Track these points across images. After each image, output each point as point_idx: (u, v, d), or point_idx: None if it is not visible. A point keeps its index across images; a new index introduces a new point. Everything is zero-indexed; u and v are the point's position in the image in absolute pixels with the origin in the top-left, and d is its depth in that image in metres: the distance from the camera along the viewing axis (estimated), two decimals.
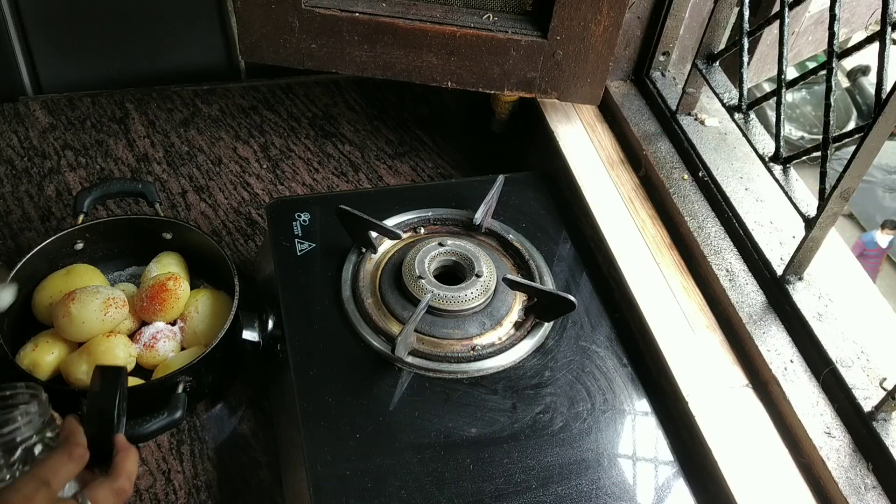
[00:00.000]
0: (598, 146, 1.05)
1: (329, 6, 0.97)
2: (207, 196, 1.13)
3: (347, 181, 1.17)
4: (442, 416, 0.76)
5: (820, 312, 0.79)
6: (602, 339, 0.85)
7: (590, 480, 0.73)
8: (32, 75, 1.27)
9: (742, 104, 0.91)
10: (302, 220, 0.93)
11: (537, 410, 0.78)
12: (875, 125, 0.68)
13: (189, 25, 1.29)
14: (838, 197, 0.74)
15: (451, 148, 1.24)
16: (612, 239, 0.92)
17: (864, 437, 0.71)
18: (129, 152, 1.18)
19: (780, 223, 0.89)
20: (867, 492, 0.69)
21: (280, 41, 1.00)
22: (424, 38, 0.99)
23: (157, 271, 0.90)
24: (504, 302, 0.85)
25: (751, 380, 0.80)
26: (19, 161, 1.15)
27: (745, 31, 0.90)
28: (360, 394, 0.77)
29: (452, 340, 0.82)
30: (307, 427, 0.74)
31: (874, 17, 1.20)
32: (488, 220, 0.94)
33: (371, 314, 0.83)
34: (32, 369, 0.81)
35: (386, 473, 0.72)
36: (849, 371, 0.74)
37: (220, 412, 0.89)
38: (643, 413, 0.79)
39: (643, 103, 1.07)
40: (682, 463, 0.76)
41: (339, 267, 0.88)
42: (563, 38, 0.98)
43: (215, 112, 1.26)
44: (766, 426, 0.76)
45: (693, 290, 0.88)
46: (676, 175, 0.97)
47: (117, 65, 1.30)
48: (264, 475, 0.84)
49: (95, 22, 1.25)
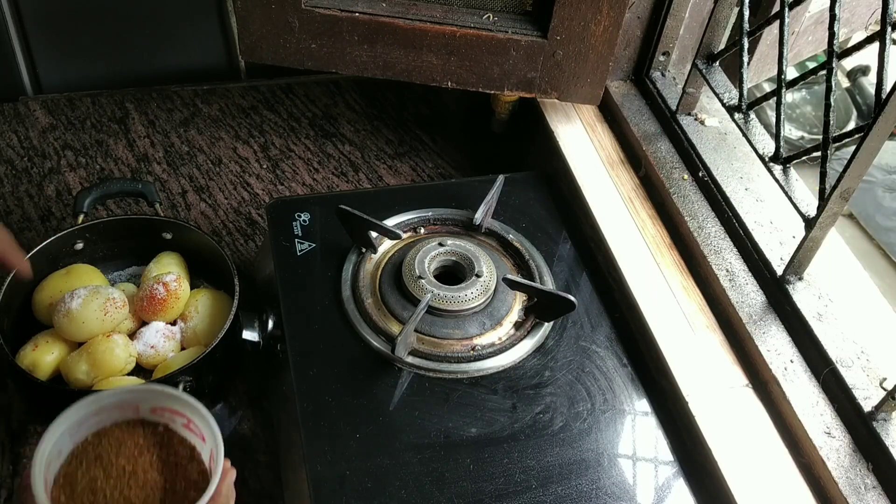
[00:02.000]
0: (598, 146, 1.05)
1: (329, 6, 0.97)
2: (207, 196, 1.13)
3: (347, 181, 1.17)
4: (442, 416, 0.76)
5: (820, 312, 0.79)
6: (602, 339, 0.85)
7: (590, 480, 0.73)
8: (32, 75, 1.27)
9: (742, 104, 0.91)
10: (302, 220, 0.93)
11: (537, 410, 0.78)
12: (875, 125, 0.68)
13: (189, 25, 1.29)
14: (838, 197, 0.73)
15: (451, 148, 1.24)
16: (612, 239, 0.92)
17: (864, 437, 0.71)
18: (129, 152, 1.18)
19: (780, 223, 0.89)
20: (867, 492, 0.69)
21: (280, 41, 1.00)
22: (424, 38, 0.99)
23: (157, 271, 0.90)
24: (504, 302, 0.85)
25: (751, 380, 0.80)
26: (19, 161, 1.15)
27: (745, 31, 0.90)
28: (360, 394, 0.77)
29: (452, 340, 0.82)
30: (307, 427, 0.74)
31: (874, 17, 1.20)
32: (488, 220, 0.94)
33: (371, 314, 0.83)
34: (32, 369, 0.81)
35: (386, 473, 0.72)
36: (849, 371, 0.74)
37: (220, 412, 0.89)
38: (643, 413, 0.79)
39: (643, 103, 1.07)
40: (682, 463, 0.76)
41: (339, 267, 0.88)
42: (563, 38, 0.98)
43: (215, 112, 1.26)
44: (766, 426, 0.76)
45: (693, 290, 0.88)
46: (676, 175, 0.97)
47: (117, 65, 1.30)
48: (264, 475, 0.84)
49: (95, 22, 1.25)
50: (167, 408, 0.65)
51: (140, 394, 0.65)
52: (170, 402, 0.65)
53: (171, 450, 0.65)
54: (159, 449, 0.64)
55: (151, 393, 0.65)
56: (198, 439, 0.65)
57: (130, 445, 0.64)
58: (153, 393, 0.65)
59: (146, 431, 0.65)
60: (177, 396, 0.64)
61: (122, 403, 0.65)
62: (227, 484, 0.62)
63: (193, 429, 0.65)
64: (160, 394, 0.65)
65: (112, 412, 0.65)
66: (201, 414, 0.63)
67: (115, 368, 0.81)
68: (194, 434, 0.65)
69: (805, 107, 2.54)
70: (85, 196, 0.93)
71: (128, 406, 0.65)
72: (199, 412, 0.63)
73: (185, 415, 0.65)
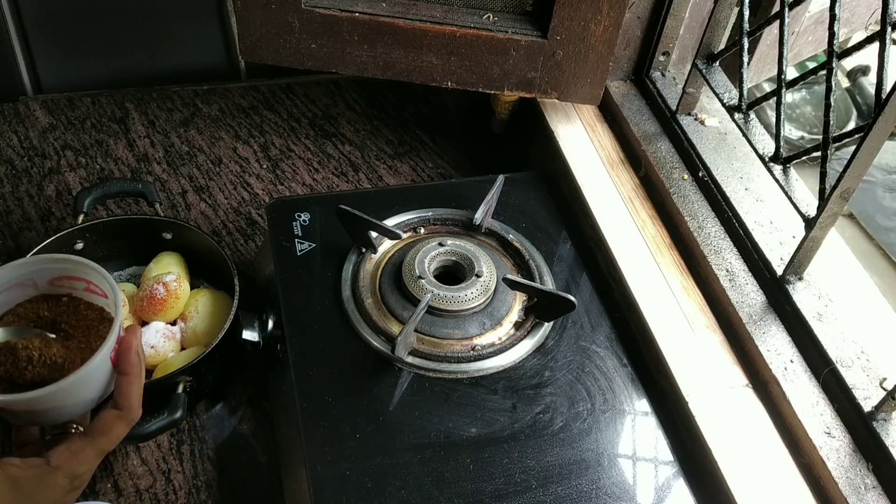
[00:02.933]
0: (598, 146, 1.05)
1: (329, 6, 0.97)
2: (207, 196, 1.13)
3: (347, 181, 1.17)
4: (442, 416, 0.76)
5: (820, 312, 0.79)
6: (602, 339, 0.85)
7: (590, 480, 0.73)
8: (32, 75, 1.27)
9: (742, 104, 0.91)
10: (302, 220, 0.93)
11: (537, 410, 0.78)
12: (875, 125, 0.68)
13: (189, 25, 1.29)
14: (838, 197, 0.73)
15: (451, 148, 1.24)
16: (612, 239, 0.92)
17: (864, 437, 0.71)
18: (129, 152, 1.18)
19: (780, 223, 0.89)
20: (867, 492, 0.69)
21: (280, 41, 1.00)
22: (424, 38, 0.99)
23: (157, 271, 0.90)
24: (504, 302, 0.85)
25: (751, 380, 0.80)
26: (19, 161, 1.15)
27: (745, 31, 0.90)
28: (360, 394, 0.77)
29: (452, 340, 0.82)
30: (307, 427, 0.74)
31: (874, 17, 1.20)
32: (488, 220, 0.94)
33: (371, 314, 0.83)
34: None
35: (386, 473, 0.72)
36: (849, 371, 0.74)
37: (220, 412, 0.89)
38: (643, 413, 0.79)
39: (643, 103, 1.07)
40: (682, 463, 0.76)
41: (339, 267, 0.88)
42: (563, 38, 0.98)
43: (215, 112, 1.26)
44: (766, 426, 0.76)
45: (693, 290, 0.88)
46: (676, 175, 0.97)
47: (117, 65, 1.30)
48: (264, 475, 0.84)
49: (95, 22, 1.25)
50: (64, 275, 0.64)
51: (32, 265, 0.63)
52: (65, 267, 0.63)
53: (79, 315, 0.64)
54: (67, 317, 0.63)
55: (43, 262, 0.63)
56: (102, 298, 0.64)
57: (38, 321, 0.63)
58: (45, 262, 0.63)
59: (50, 305, 0.64)
60: (69, 259, 0.63)
61: (18, 279, 0.63)
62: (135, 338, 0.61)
63: (95, 290, 0.64)
64: (52, 260, 0.63)
65: (11, 293, 0.64)
66: (97, 271, 0.62)
67: None
68: (97, 295, 0.64)
69: (805, 107, 2.54)
70: (85, 196, 0.93)
71: (26, 283, 0.64)
72: (95, 269, 0.62)
73: (83, 278, 0.63)
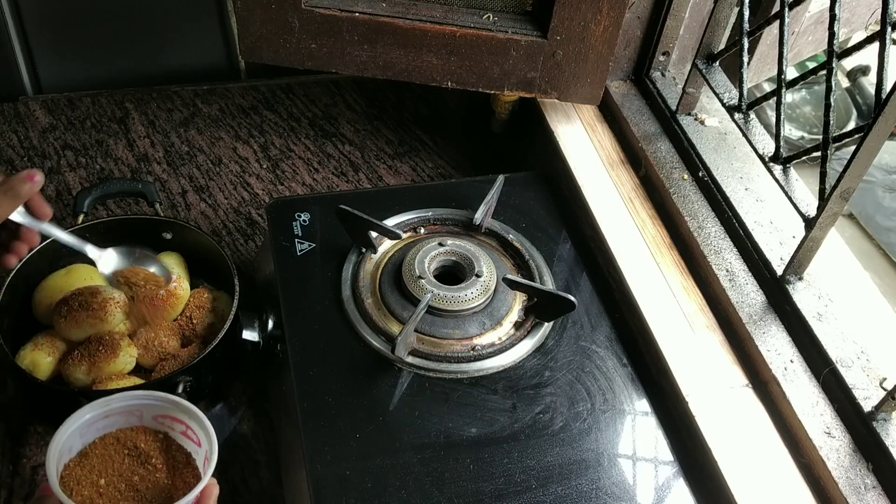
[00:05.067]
0: (598, 146, 1.05)
1: (329, 6, 0.97)
2: (207, 196, 1.13)
3: (347, 181, 1.17)
4: (442, 416, 0.76)
5: (820, 312, 0.79)
6: (602, 339, 0.85)
7: (590, 480, 0.73)
8: (32, 75, 1.27)
9: (742, 104, 0.91)
10: (302, 220, 0.93)
11: (537, 410, 0.78)
12: (875, 125, 0.68)
13: (189, 25, 1.29)
14: (838, 197, 0.73)
15: (451, 148, 1.24)
16: (612, 239, 0.92)
17: (864, 437, 0.71)
18: (129, 152, 1.18)
19: (780, 223, 0.89)
20: (867, 492, 0.69)
21: (280, 41, 1.00)
22: (424, 38, 0.99)
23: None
24: (504, 302, 0.85)
25: (751, 380, 0.80)
26: (19, 161, 1.14)
27: (745, 31, 0.90)
28: (360, 394, 0.77)
29: (452, 340, 0.82)
30: (307, 427, 0.74)
31: (874, 17, 1.20)
32: (488, 220, 0.94)
33: (371, 314, 0.83)
34: (32, 369, 0.80)
35: (386, 473, 0.72)
36: (849, 371, 0.74)
37: (220, 412, 0.89)
38: (643, 413, 0.79)
39: (643, 103, 1.07)
40: (682, 463, 0.76)
41: (339, 267, 0.88)
42: (563, 38, 0.98)
43: (215, 112, 1.26)
44: (766, 426, 0.76)
45: (693, 290, 0.88)
46: (676, 175, 0.97)
47: (117, 65, 1.30)
48: (264, 475, 0.84)
49: (95, 22, 1.25)
50: (169, 415, 0.67)
51: (147, 401, 0.67)
52: (173, 410, 0.67)
53: (168, 455, 0.67)
54: (158, 454, 0.67)
55: (158, 401, 0.67)
56: (194, 445, 0.67)
57: (133, 450, 0.67)
58: (159, 401, 0.67)
59: (147, 438, 0.68)
60: (181, 405, 0.67)
61: (129, 409, 0.67)
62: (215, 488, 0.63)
63: (191, 436, 0.67)
64: (166, 402, 0.67)
65: (118, 418, 0.67)
66: (201, 420, 0.66)
67: (115, 368, 0.81)
68: (191, 441, 0.67)
69: (805, 107, 2.54)
70: (85, 196, 0.93)
71: (133, 412, 0.67)
72: (199, 419, 0.66)
73: (184, 422, 0.67)
